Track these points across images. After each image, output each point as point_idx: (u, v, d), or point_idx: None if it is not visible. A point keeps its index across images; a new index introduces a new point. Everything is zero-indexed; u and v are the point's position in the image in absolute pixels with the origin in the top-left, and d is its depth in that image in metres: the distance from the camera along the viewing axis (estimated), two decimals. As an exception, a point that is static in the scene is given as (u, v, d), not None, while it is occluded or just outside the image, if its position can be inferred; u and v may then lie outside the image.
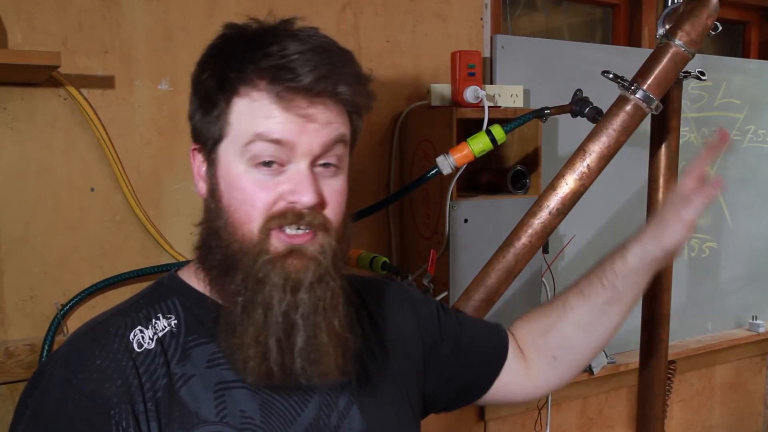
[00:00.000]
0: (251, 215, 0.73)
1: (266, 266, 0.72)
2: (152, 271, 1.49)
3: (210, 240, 0.77)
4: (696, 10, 1.19)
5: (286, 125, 0.72)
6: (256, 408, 0.75)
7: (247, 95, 0.73)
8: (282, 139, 0.72)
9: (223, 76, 0.74)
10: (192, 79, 0.79)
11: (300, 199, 0.72)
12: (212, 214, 0.77)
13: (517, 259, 1.26)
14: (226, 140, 0.75)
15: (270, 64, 0.71)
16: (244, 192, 0.73)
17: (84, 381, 0.70)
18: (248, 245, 0.73)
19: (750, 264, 2.58)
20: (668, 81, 1.21)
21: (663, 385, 1.55)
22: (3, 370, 1.38)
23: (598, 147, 1.23)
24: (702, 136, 2.39)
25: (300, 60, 0.71)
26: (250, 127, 0.72)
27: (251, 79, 0.72)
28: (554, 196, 1.25)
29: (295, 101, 0.72)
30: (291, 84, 0.71)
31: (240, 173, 0.74)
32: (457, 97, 1.63)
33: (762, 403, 2.78)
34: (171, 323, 0.77)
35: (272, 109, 0.72)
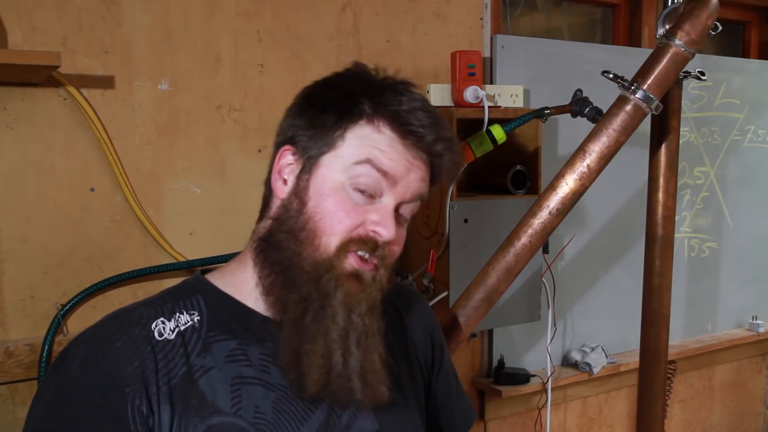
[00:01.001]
0: (335, 229, 0.78)
1: (334, 281, 0.77)
2: (152, 271, 1.49)
3: (278, 235, 0.81)
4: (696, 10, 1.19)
5: (396, 163, 0.79)
6: (269, 405, 0.78)
7: (375, 127, 0.79)
8: (389, 173, 0.79)
9: (356, 102, 0.80)
10: (309, 95, 0.85)
11: (383, 233, 0.78)
12: (292, 213, 0.80)
13: (517, 259, 1.26)
14: (334, 153, 0.80)
15: (403, 110, 0.79)
16: (335, 205, 0.78)
17: (104, 359, 0.74)
18: (321, 256, 0.78)
19: (750, 264, 2.58)
20: (668, 81, 1.21)
21: (663, 385, 1.55)
22: (3, 370, 1.38)
23: (598, 147, 1.23)
24: (702, 136, 2.39)
25: (425, 117, 0.79)
26: (365, 150, 0.79)
27: (384, 116, 0.79)
28: (554, 196, 1.25)
29: (412, 148, 0.80)
30: (418, 132, 0.79)
31: (336, 187, 0.79)
32: (457, 97, 1.63)
33: (762, 403, 2.78)
34: (194, 319, 0.80)
35: (392, 145, 0.79)
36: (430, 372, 0.98)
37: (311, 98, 0.84)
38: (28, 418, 0.75)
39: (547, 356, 1.96)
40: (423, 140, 0.79)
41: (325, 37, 1.68)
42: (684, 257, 2.40)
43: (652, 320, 1.51)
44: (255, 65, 1.59)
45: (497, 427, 2.05)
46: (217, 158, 1.57)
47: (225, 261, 1.49)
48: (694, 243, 2.43)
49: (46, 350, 1.40)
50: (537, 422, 2.04)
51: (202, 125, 1.55)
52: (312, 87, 0.85)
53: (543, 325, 1.94)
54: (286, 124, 0.85)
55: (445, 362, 1.00)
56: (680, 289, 2.37)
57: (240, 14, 1.58)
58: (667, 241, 1.47)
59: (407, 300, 0.98)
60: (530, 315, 1.76)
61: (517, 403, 2.03)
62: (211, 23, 1.55)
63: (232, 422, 0.75)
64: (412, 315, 0.97)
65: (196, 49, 1.54)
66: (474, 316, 1.29)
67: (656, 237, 1.47)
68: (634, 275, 1.91)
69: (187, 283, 0.85)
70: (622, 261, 2.23)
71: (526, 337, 2.04)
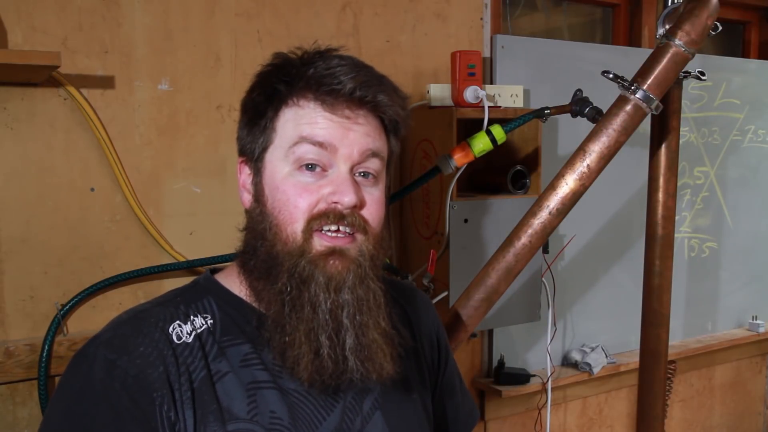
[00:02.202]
0: (294, 216, 0.77)
1: (309, 266, 0.76)
2: (152, 271, 1.49)
3: (254, 243, 0.80)
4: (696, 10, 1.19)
5: (329, 129, 0.77)
6: (285, 410, 0.77)
7: (295, 104, 0.78)
8: (325, 142, 0.77)
9: (272, 90, 0.80)
10: (242, 103, 0.84)
11: (341, 199, 0.76)
12: (256, 218, 0.81)
13: (517, 259, 1.26)
14: (272, 146, 0.80)
15: (316, 74, 0.77)
16: (287, 194, 0.77)
17: (129, 364, 0.73)
18: (291, 246, 0.77)
19: (750, 264, 2.58)
20: (668, 81, 1.21)
21: (663, 385, 1.55)
22: (3, 370, 1.38)
23: (598, 147, 1.23)
24: (702, 136, 2.39)
25: (342, 70, 0.77)
26: (296, 131, 0.78)
27: (299, 90, 0.79)
28: (554, 196, 1.25)
29: (338, 107, 0.77)
30: (334, 88, 0.76)
31: (284, 176, 0.78)
32: (457, 97, 1.62)
33: (762, 403, 2.78)
34: (207, 321, 0.79)
35: (317, 114, 0.77)
36: (437, 372, 0.97)
37: (243, 105, 0.84)
38: (45, 424, 0.73)
39: (547, 356, 1.96)
40: (345, 94, 0.77)
41: (325, 37, 1.68)
42: (684, 257, 2.40)
43: (652, 320, 1.51)
44: (255, 65, 1.58)
45: (497, 427, 2.05)
46: (217, 158, 1.57)
47: (225, 261, 1.50)
48: (694, 243, 2.43)
49: (46, 350, 1.40)
50: (537, 422, 2.04)
51: (202, 125, 1.55)
52: (249, 87, 0.85)
53: (543, 325, 1.94)
54: (237, 139, 0.85)
55: (450, 361, 1.00)
56: (680, 289, 2.37)
57: (240, 14, 1.58)
58: (667, 241, 1.47)
59: (412, 299, 0.97)
60: (530, 315, 1.76)
61: (517, 403, 2.03)
62: (211, 23, 1.55)
63: (248, 428, 0.74)
64: (419, 315, 0.96)
65: (196, 49, 1.54)
66: (474, 316, 1.29)
67: (656, 237, 1.47)
68: (634, 275, 1.91)
69: (197, 284, 0.84)
70: (622, 261, 2.23)
71: (526, 337, 2.04)
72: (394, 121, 0.82)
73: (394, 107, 0.80)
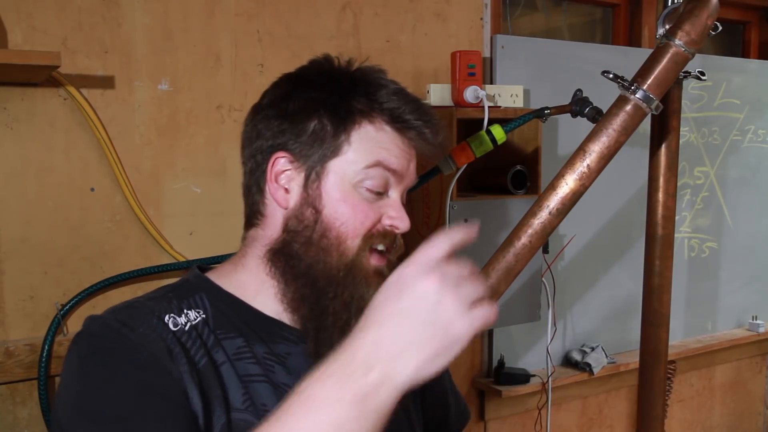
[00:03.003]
0: (357, 231, 0.79)
1: (363, 281, 0.79)
2: (152, 271, 1.49)
3: (298, 249, 0.80)
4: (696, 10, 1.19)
5: (401, 160, 0.81)
6: (276, 403, 0.76)
7: (374, 125, 0.81)
8: (397, 171, 0.81)
9: (349, 99, 0.81)
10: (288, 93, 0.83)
11: (400, 225, 0.82)
12: (307, 223, 0.81)
13: (517, 259, 1.26)
14: (341, 158, 0.80)
15: (394, 104, 0.81)
16: (354, 209, 0.80)
17: (132, 333, 0.73)
18: (346, 259, 0.79)
19: (750, 264, 2.58)
20: (668, 81, 1.21)
21: (663, 385, 1.55)
22: (3, 370, 1.38)
23: (598, 147, 1.23)
24: (702, 136, 2.39)
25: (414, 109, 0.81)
26: (373, 153, 0.80)
27: (376, 111, 0.81)
28: (554, 196, 1.25)
29: (410, 141, 0.82)
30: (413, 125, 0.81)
31: (349, 191, 0.80)
32: (457, 97, 1.62)
33: (762, 403, 2.78)
34: (201, 315, 0.80)
35: (395, 143, 0.81)
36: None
37: (293, 99, 0.82)
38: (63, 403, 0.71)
39: (547, 356, 1.96)
40: (420, 133, 0.81)
41: (325, 37, 1.68)
42: (684, 257, 2.40)
43: (652, 320, 1.51)
44: (255, 65, 1.59)
45: (497, 427, 2.05)
46: (217, 158, 1.57)
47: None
48: (694, 243, 2.43)
49: (46, 350, 1.40)
50: (537, 422, 2.04)
51: (202, 125, 1.55)
52: (287, 85, 0.84)
53: (543, 325, 1.94)
54: (267, 128, 0.82)
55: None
56: (680, 289, 2.37)
57: (240, 14, 1.58)
58: (667, 241, 1.47)
59: None
60: (530, 315, 1.76)
61: (517, 403, 2.03)
62: (211, 23, 1.55)
63: (244, 418, 0.75)
64: None
65: (196, 49, 1.54)
66: (474, 316, 1.28)
67: (656, 237, 1.47)
68: (634, 275, 1.91)
69: (188, 282, 0.84)
70: (622, 261, 2.23)
71: (526, 337, 2.04)
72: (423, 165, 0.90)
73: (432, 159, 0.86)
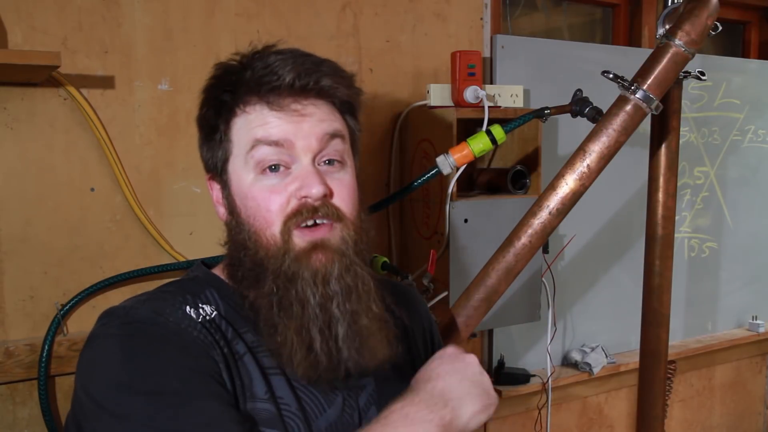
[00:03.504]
0: (269, 219, 0.77)
1: (294, 264, 0.76)
2: (152, 271, 1.49)
3: (237, 254, 0.81)
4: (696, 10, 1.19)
5: (281, 127, 0.77)
6: (292, 397, 0.78)
7: (243, 111, 0.79)
8: (280, 140, 0.77)
9: (219, 102, 0.80)
10: (196, 121, 0.85)
11: (309, 192, 0.76)
12: (234, 230, 0.81)
13: (517, 259, 1.26)
14: (232, 157, 0.80)
15: (254, 76, 0.77)
16: (257, 200, 0.78)
17: (169, 322, 0.74)
18: (273, 248, 0.77)
19: (750, 264, 2.58)
20: (668, 81, 1.21)
21: (663, 385, 1.55)
22: (3, 370, 1.38)
23: (598, 147, 1.23)
24: (702, 136, 2.39)
25: (281, 64, 0.76)
26: (249, 136, 0.78)
27: (242, 96, 0.78)
28: (554, 196, 1.25)
29: (284, 102, 0.77)
30: (275, 84, 0.76)
31: (250, 183, 0.78)
32: (457, 97, 1.62)
33: (762, 403, 2.77)
34: (214, 310, 0.80)
35: (265, 116, 0.77)
36: None
37: (197, 122, 0.85)
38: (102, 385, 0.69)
39: (547, 356, 1.96)
40: (287, 87, 0.76)
41: (325, 37, 1.68)
42: (684, 257, 2.40)
43: (652, 320, 1.51)
44: (255, 65, 1.59)
45: (497, 427, 2.05)
46: (217, 158, 1.57)
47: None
48: (694, 243, 2.43)
49: (46, 350, 1.40)
50: (537, 422, 2.04)
51: (202, 125, 1.55)
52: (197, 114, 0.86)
53: (543, 325, 1.94)
54: (201, 158, 0.86)
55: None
56: (680, 289, 2.37)
57: (240, 14, 1.58)
58: (667, 241, 1.47)
59: (405, 299, 0.97)
60: (530, 315, 1.76)
61: (517, 403, 2.03)
62: (211, 23, 1.55)
63: (266, 408, 0.75)
64: (412, 315, 0.96)
65: (196, 49, 1.54)
66: (474, 316, 1.29)
67: (656, 237, 1.47)
68: (634, 275, 1.91)
69: (197, 278, 0.85)
70: (622, 261, 2.23)
71: (526, 337, 2.04)
72: (345, 102, 0.82)
73: (340, 88, 0.80)
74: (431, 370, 0.77)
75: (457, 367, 0.77)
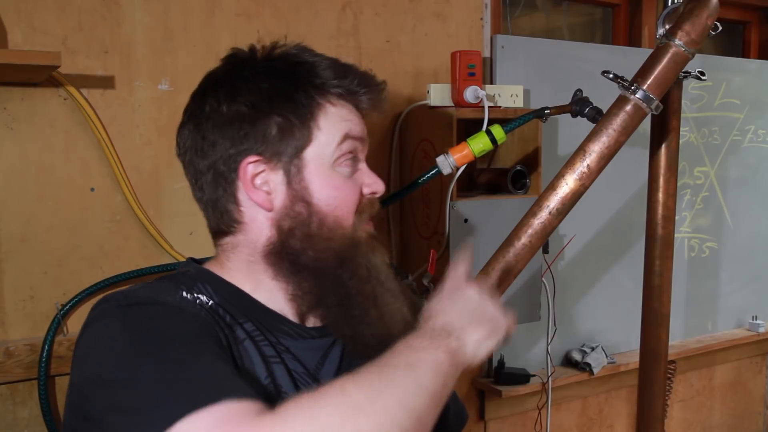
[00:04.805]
0: (349, 209, 0.82)
1: (365, 249, 0.82)
2: (152, 271, 1.49)
3: (298, 245, 0.80)
4: (696, 10, 1.19)
5: (360, 124, 0.84)
6: (291, 387, 0.79)
7: (332, 102, 0.82)
8: (361, 136, 0.84)
9: (304, 88, 0.81)
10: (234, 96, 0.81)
11: (378, 189, 0.85)
12: (301, 218, 0.80)
13: (517, 259, 1.26)
14: (314, 144, 0.81)
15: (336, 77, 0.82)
16: (340, 189, 0.81)
17: (170, 303, 0.74)
18: (347, 237, 0.81)
19: (750, 264, 2.58)
20: (668, 81, 1.21)
21: (663, 385, 1.55)
22: (3, 370, 1.38)
23: (598, 147, 1.23)
24: (702, 136, 2.39)
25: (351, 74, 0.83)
26: (339, 127, 0.82)
27: (325, 90, 0.82)
28: (554, 196, 1.25)
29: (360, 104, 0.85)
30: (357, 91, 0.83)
31: (330, 174, 0.81)
32: (457, 97, 1.62)
33: (762, 403, 2.78)
34: (209, 299, 0.80)
35: (353, 111, 0.84)
36: None
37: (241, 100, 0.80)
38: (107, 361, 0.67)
39: (547, 356, 1.96)
40: (364, 96, 0.84)
41: (325, 37, 1.68)
42: (684, 257, 2.40)
43: (652, 320, 1.51)
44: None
45: (497, 427, 2.05)
46: (217, 158, 1.57)
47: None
48: (694, 243, 2.43)
49: (46, 350, 1.40)
50: (537, 422, 2.04)
51: (202, 125, 1.55)
52: (226, 87, 0.81)
53: (543, 325, 1.94)
54: (223, 136, 0.80)
55: None
56: (680, 289, 2.37)
57: (240, 14, 1.58)
58: (667, 241, 1.47)
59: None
60: (530, 315, 1.76)
61: (517, 403, 2.03)
62: (211, 23, 1.55)
63: (270, 392, 0.76)
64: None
65: (196, 49, 1.54)
66: (474, 316, 1.28)
67: (656, 237, 1.47)
68: (634, 275, 1.91)
69: (188, 272, 0.84)
70: (622, 261, 2.23)
71: (526, 337, 2.04)
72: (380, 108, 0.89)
73: (384, 98, 0.88)
74: (430, 309, 0.79)
75: (456, 301, 0.79)
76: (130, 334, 0.68)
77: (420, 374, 0.67)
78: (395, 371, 0.66)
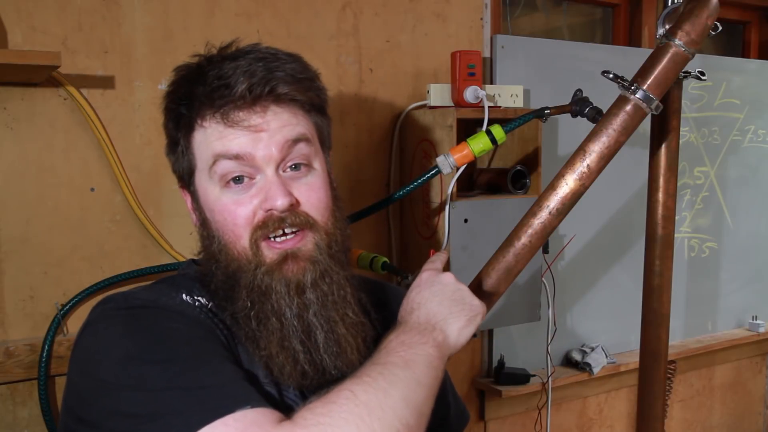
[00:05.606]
0: (237, 233, 0.76)
1: (266, 277, 0.75)
2: (152, 271, 1.49)
3: (209, 265, 0.80)
4: (696, 10, 1.19)
5: (239, 140, 0.75)
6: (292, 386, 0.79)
7: (200, 126, 0.78)
8: (239, 153, 0.75)
9: (178, 115, 0.79)
10: (163, 127, 0.85)
11: (274, 204, 0.75)
12: (206, 241, 0.81)
13: (517, 259, 1.26)
14: (197, 170, 0.80)
15: (209, 90, 0.75)
16: (223, 213, 0.77)
17: (170, 305, 0.75)
18: (245, 261, 0.76)
19: (750, 264, 2.58)
20: (668, 81, 1.21)
21: (663, 385, 1.55)
22: (3, 370, 1.38)
23: (598, 147, 1.23)
24: (702, 136, 2.39)
25: (233, 73, 0.75)
26: (209, 151, 0.77)
27: (198, 110, 0.77)
28: (554, 196, 1.25)
29: (240, 115, 0.75)
30: (228, 98, 0.74)
31: (216, 197, 0.77)
32: (457, 97, 1.62)
33: (762, 403, 2.78)
34: (209, 301, 0.80)
35: (221, 130, 0.76)
36: None
37: (163, 129, 0.85)
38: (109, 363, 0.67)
39: (547, 356, 1.96)
40: (239, 98, 0.74)
41: (325, 37, 1.68)
42: (684, 257, 2.40)
43: (652, 320, 1.51)
44: (255, 65, 1.59)
45: (497, 427, 2.05)
46: (217, 158, 1.57)
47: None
48: (694, 243, 2.43)
49: (46, 350, 1.40)
50: (537, 422, 2.04)
51: (202, 125, 1.55)
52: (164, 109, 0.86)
53: (543, 325, 1.94)
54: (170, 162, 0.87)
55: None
56: (680, 289, 2.37)
57: (240, 14, 1.58)
58: (667, 241, 1.47)
59: (384, 298, 0.94)
60: (530, 315, 1.76)
61: (517, 403, 2.03)
62: (211, 23, 1.55)
63: (270, 391, 0.76)
64: (386, 311, 0.92)
65: (196, 49, 1.52)
66: (474, 316, 1.28)
67: (656, 237, 1.47)
68: (634, 275, 1.91)
69: (187, 275, 0.84)
70: (622, 261, 2.23)
71: (526, 337, 2.04)
72: (307, 101, 0.80)
73: (300, 93, 0.79)
74: (411, 301, 0.81)
75: (435, 290, 0.81)
76: (133, 339, 0.68)
77: (417, 371, 0.68)
78: (396, 370, 0.67)
